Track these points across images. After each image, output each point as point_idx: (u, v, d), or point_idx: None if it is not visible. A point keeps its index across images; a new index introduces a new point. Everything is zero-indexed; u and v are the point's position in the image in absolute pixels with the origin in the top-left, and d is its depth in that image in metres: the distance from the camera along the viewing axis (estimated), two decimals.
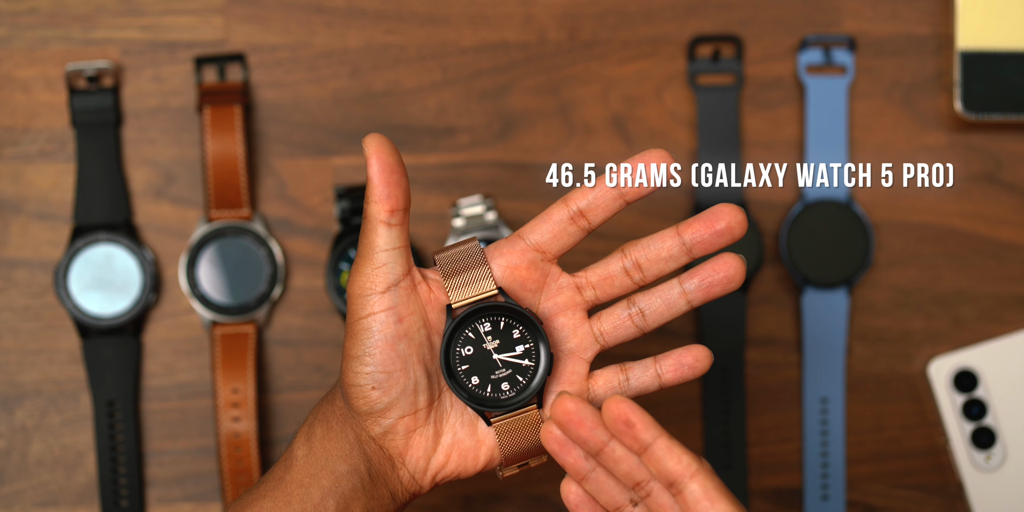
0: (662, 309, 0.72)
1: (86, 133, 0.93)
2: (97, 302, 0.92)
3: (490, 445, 0.72)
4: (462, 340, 0.72)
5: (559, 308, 0.72)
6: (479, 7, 0.94)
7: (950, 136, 0.95)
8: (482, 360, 0.72)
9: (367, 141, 0.70)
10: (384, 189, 0.70)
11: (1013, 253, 0.94)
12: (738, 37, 0.94)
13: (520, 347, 0.72)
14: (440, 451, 0.72)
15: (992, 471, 0.91)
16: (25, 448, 0.93)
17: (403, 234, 0.70)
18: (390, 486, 0.72)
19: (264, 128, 0.94)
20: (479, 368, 0.72)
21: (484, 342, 0.72)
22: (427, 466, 0.72)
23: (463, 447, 0.72)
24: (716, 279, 0.71)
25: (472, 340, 0.72)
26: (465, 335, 0.72)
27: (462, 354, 0.72)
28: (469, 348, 0.72)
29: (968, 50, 0.92)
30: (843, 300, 0.93)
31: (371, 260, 0.70)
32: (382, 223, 0.70)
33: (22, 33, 0.94)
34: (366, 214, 0.70)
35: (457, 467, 0.72)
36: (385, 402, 0.70)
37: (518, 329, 0.72)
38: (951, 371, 0.92)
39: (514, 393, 0.72)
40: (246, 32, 0.94)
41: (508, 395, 0.72)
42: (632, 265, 0.71)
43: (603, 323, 0.72)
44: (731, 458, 0.93)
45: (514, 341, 0.72)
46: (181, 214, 0.94)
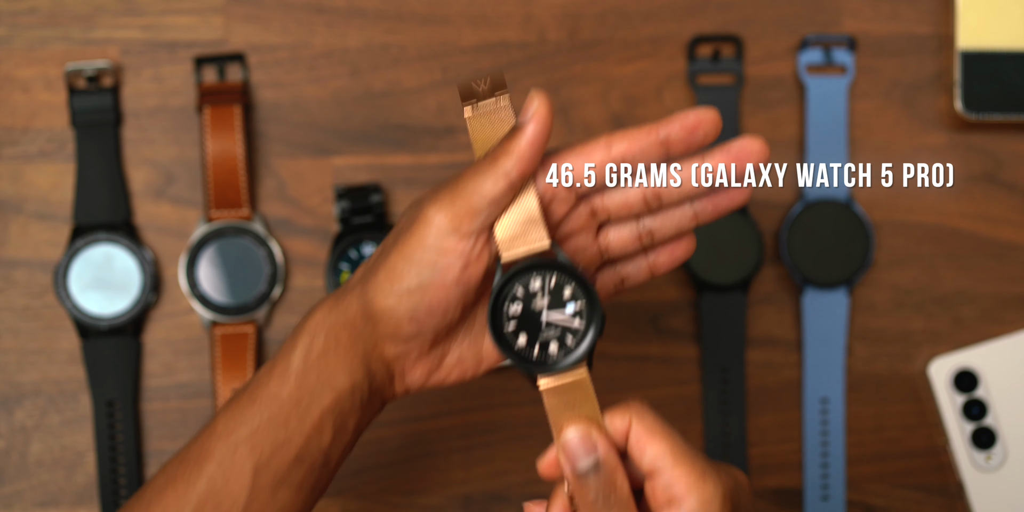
0: (670, 227, 0.71)
1: (86, 133, 0.93)
2: (97, 302, 0.92)
3: (492, 360, 0.72)
4: (511, 297, 0.69)
5: (573, 231, 0.71)
6: (479, 7, 0.94)
7: (950, 136, 0.95)
8: (531, 319, 0.69)
9: (536, 97, 0.68)
10: (530, 151, 0.67)
11: (1013, 253, 0.94)
12: (738, 37, 0.94)
13: (571, 306, 0.69)
14: (443, 369, 0.71)
15: (992, 471, 0.91)
16: (25, 448, 0.93)
17: (511, 195, 0.68)
18: (384, 397, 0.71)
19: (264, 128, 0.94)
20: (527, 327, 0.69)
21: (534, 300, 0.69)
22: (426, 381, 0.71)
23: (466, 364, 0.71)
24: (723, 198, 0.71)
25: (521, 297, 0.69)
26: (514, 292, 0.69)
27: (510, 312, 0.69)
28: (518, 305, 0.69)
29: (968, 50, 0.92)
30: (843, 300, 0.93)
31: (471, 203, 0.67)
32: (505, 178, 0.67)
33: (22, 33, 0.94)
34: (494, 160, 0.68)
35: (456, 380, 0.72)
36: (413, 332, 0.69)
37: (569, 286, 0.69)
38: (951, 371, 0.92)
39: (563, 355, 0.69)
40: (246, 32, 0.94)
41: (556, 357, 0.69)
42: (652, 195, 0.71)
43: (610, 240, 0.72)
44: (731, 458, 0.93)
45: (564, 300, 0.69)
46: (181, 214, 0.94)
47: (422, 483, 0.93)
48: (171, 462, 0.71)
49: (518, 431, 0.93)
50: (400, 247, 0.69)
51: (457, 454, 0.93)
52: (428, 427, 0.93)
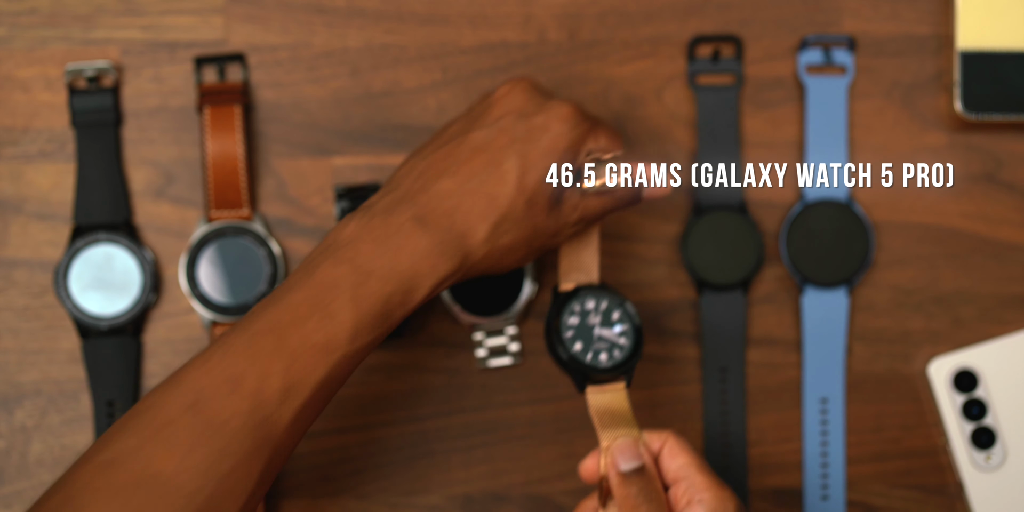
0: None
1: (86, 133, 0.93)
2: (97, 302, 0.92)
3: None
4: (568, 312, 0.83)
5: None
6: (479, 7, 0.94)
7: (950, 136, 0.95)
8: (585, 331, 0.83)
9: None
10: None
11: (1013, 253, 0.94)
12: (738, 37, 0.94)
13: (618, 327, 0.83)
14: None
15: (992, 471, 0.91)
16: (25, 448, 0.93)
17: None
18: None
19: (264, 128, 0.94)
20: (582, 337, 0.82)
21: (588, 316, 0.83)
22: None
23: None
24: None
25: (577, 312, 0.83)
26: (571, 308, 0.83)
27: (568, 323, 0.82)
28: (575, 318, 0.83)
29: (968, 50, 0.92)
30: (843, 300, 0.93)
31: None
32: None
33: (22, 33, 0.94)
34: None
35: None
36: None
37: (617, 312, 0.83)
38: (951, 371, 0.92)
39: (610, 365, 0.82)
40: (246, 32, 0.94)
41: (605, 365, 0.82)
42: None
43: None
44: (731, 458, 0.93)
45: (612, 321, 0.83)
46: (181, 214, 0.94)
47: (422, 483, 0.93)
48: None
49: (518, 431, 0.93)
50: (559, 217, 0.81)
51: (457, 454, 0.93)
52: (428, 427, 0.93)
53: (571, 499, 0.93)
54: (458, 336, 0.93)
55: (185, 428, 0.69)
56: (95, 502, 0.67)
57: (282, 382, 0.71)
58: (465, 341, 0.94)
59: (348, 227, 0.76)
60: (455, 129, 0.82)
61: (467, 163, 0.78)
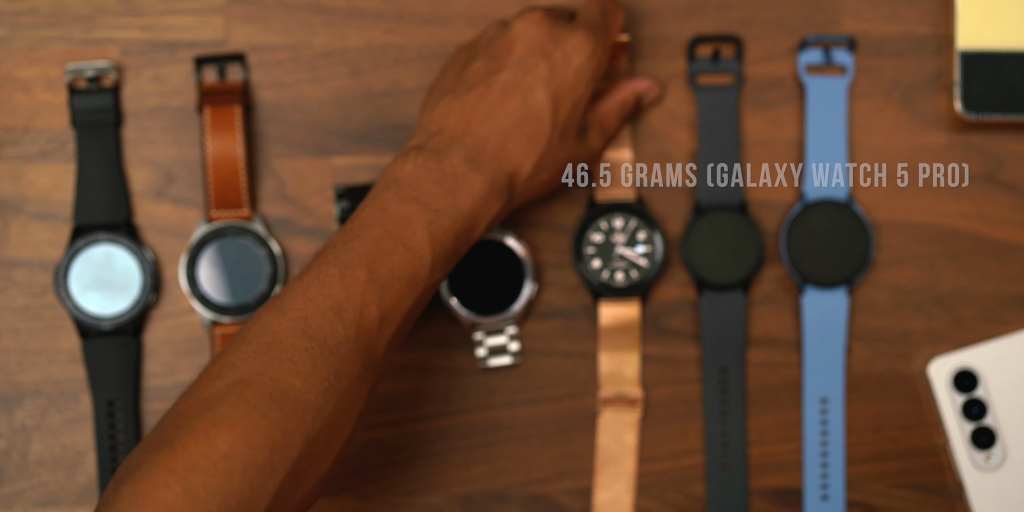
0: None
1: (86, 133, 0.93)
2: (97, 302, 0.92)
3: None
4: (594, 228, 0.87)
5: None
6: (479, 7, 0.95)
7: (950, 136, 0.95)
8: (607, 250, 0.87)
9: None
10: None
11: (1013, 253, 0.94)
12: (738, 37, 0.94)
13: (641, 248, 0.87)
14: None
15: (992, 471, 0.92)
16: (25, 448, 0.93)
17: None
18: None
19: (264, 128, 0.94)
20: (603, 255, 0.87)
21: (612, 235, 0.87)
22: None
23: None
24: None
25: (604, 230, 0.87)
26: (598, 225, 0.86)
27: (592, 239, 0.87)
28: (600, 236, 0.87)
29: (968, 50, 0.92)
30: (843, 300, 0.93)
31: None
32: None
33: (22, 33, 0.94)
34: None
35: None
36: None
37: (644, 232, 0.87)
38: (951, 371, 0.92)
39: (625, 285, 0.88)
40: (246, 32, 0.94)
41: (620, 285, 0.87)
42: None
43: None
44: (731, 458, 0.93)
45: (637, 241, 0.87)
46: (181, 214, 0.94)
47: (422, 483, 0.93)
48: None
49: (518, 431, 0.93)
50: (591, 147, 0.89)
51: (457, 454, 0.93)
52: (428, 427, 0.93)
53: (571, 499, 0.93)
54: (458, 336, 0.94)
55: (304, 352, 0.74)
56: (235, 413, 0.71)
57: (378, 312, 0.77)
58: (465, 341, 0.94)
59: (406, 166, 0.82)
60: (479, 67, 0.86)
61: (502, 105, 0.83)
